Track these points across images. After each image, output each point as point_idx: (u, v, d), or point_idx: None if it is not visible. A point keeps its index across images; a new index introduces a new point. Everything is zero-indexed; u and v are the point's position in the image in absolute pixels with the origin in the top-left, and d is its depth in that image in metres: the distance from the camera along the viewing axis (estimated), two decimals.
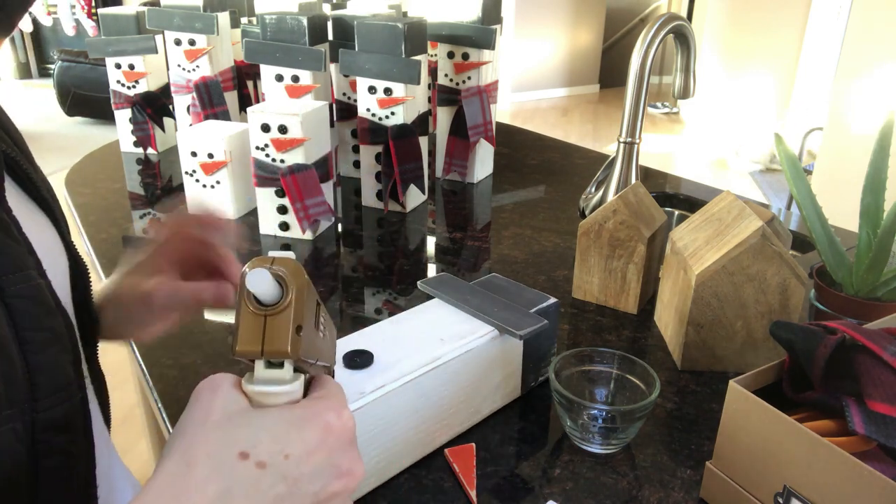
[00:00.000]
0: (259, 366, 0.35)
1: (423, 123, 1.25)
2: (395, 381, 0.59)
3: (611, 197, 1.09)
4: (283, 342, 0.33)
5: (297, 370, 0.36)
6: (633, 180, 1.09)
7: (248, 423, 0.33)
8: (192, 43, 1.36)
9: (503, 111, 6.23)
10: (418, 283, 0.75)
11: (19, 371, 0.35)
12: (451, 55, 1.34)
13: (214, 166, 1.18)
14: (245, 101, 1.52)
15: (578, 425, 0.64)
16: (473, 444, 0.66)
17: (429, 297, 0.74)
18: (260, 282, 0.33)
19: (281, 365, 0.35)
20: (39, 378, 0.36)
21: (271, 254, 0.35)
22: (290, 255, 0.36)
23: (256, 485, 0.32)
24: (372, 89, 1.19)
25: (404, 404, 0.60)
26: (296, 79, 1.20)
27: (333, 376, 0.43)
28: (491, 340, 0.67)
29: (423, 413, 0.62)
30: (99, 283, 0.60)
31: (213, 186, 1.20)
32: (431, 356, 0.62)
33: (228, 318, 0.92)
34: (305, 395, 0.37)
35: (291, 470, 0.32)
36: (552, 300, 0.73)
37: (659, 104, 6.45)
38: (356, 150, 1.35)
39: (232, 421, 0.33)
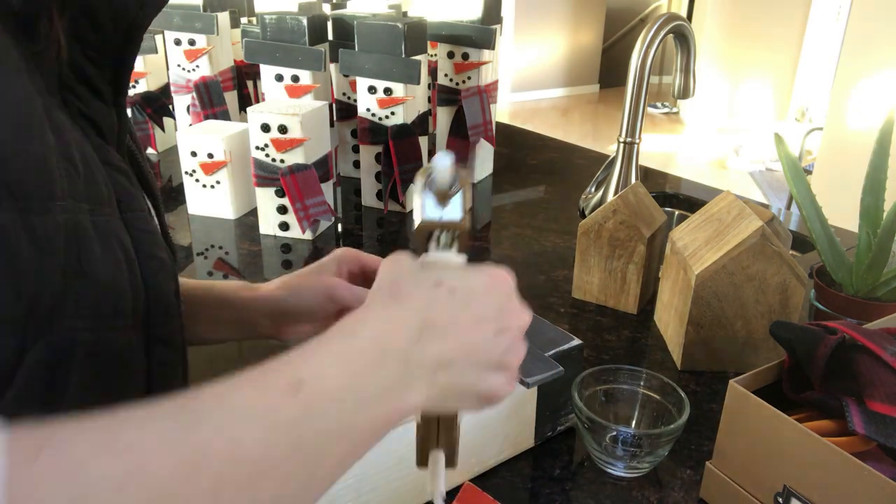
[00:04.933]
0: (432, 246, 0.44)
1: (423, 123, 1.25)
2: None
3: (611, 197, 1.09)
4: (459, 215, 0.43)
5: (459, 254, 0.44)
6: (633, 180, 1.09)
7: (435, 269, 0.41)
8: (192, 43, 1.36)
9: (503, 111, 6.23)
10: None
11: (140, 286, 0.40)
12: (451, 55, 1.34)
13: (214, 166, 1.18)
14: (245, 101, 1.52)
15: (602, 447, 0.62)
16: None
17: None
18: (444, 162, 0.42)
19: (450, 246, 0.44)
20: (152, 296, 0.41)
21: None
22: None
23: (451, 303, 0.38)
24: (372, 89, 1.19)
25: (387, 452, 0.54)
26: (296, 79, 1.20)
27: None
28: None
29: (411, 462, 0.54)
30: None
31: (213, 186, 1.20)
32: None
33: None
34: None
35: (475, 296, 0.39)
36: (576, 342, 0.65)
37: (659, 104, 6.45)
38: (356, 150, 1.35)
39: (423, 268, 0.41)
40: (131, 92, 1.49)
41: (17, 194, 0.32)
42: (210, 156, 1.17)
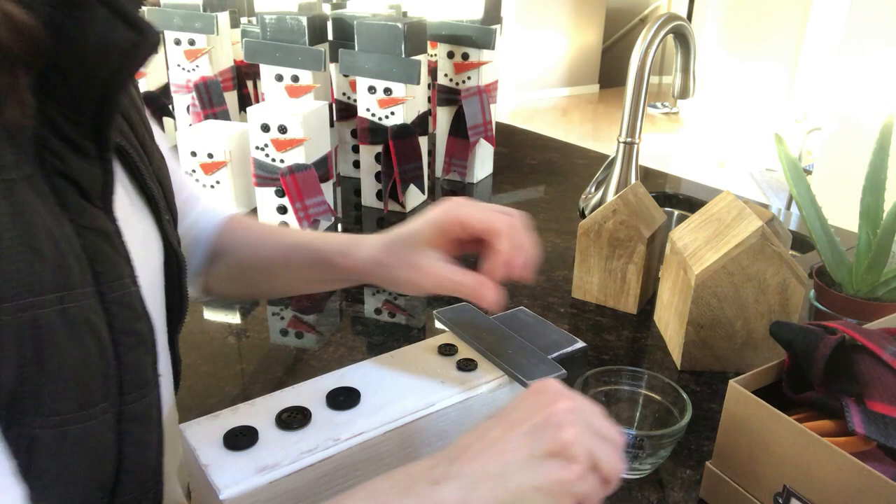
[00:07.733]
0: None
1: (422, 123, 1.25)
2: (376, 429, 0.52)
3: (611, 197, 1.09)
4: None
5: None
6: (633, 180, 1.09)
7: None
8: (191, 43, 1.36)
9: (503, 111, 6.23)
10: (434, 312, 0.67)
11: (113, 369, 0.40)
12: (451, 55, 1.34)
13: (214, 166, 1.18)
14: (245, 101, 1.52)
15: None
16: None
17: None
18: None
19: None
20: (127, 375, 0.41)
21: None
22: None
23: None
24: (372, 89, 1.19)
25: (388, 454, 0.53)
26: (296, 79, 1.20)
27: None
28: (497, 388, 0.58)
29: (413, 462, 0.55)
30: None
31: (213, 186, 1.20)
32: (424, 402, 0.55)
33: (228, 318, 0.92)
34: None
35: (510, 414, 0.43)
36: (580, 344, 0.64)
37: (659, 104, 6.45)
38: (356, 150, 1.35)
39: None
40: None
41: None
42: (210, 156, 1.17)
